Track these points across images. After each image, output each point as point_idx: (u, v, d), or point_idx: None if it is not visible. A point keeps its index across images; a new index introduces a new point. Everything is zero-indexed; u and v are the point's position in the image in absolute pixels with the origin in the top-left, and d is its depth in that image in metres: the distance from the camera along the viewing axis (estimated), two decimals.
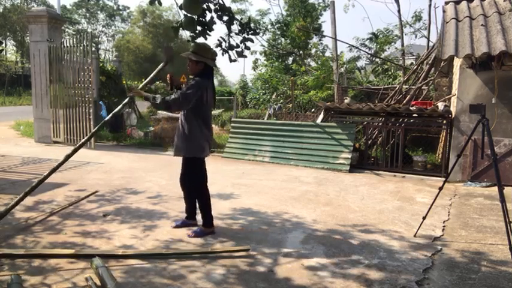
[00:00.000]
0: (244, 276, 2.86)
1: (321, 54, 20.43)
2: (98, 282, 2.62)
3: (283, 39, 22.25)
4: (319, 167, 7.39)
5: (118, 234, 3.64)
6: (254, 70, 21.91)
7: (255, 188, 5.67)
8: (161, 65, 3.94)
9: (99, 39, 47.17)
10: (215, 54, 3.52)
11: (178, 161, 3.93)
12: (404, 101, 8.82)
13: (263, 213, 4.44)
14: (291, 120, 11.12)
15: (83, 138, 9.04)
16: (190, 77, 3.71)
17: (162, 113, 10.48)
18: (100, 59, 14.29)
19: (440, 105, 7.18)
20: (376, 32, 18.19)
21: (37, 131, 9.90)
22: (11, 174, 6.12)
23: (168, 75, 3.86)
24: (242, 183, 6.00)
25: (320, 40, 21.47)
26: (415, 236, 3.76)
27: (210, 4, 3.25)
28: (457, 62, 6.74)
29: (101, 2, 45.86)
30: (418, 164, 7.19)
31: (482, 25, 6.06)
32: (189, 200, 3.93)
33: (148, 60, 35.18)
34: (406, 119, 7.90)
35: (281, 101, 14.56)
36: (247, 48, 3.50)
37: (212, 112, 3.90)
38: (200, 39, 3.44)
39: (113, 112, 4.03)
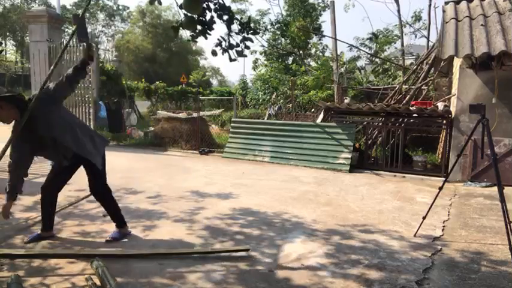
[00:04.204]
0: (244, 276, 2.86)
1: (320, 54, 20.43)
2: (98, 282, 2.61)
3: (283, 39, 22.26)
4: (319, 167, 7.39)
5: None
6: (254, 70, 21.93)
7: (254, 188, 5.66)
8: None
9: (99, 39, 47.17)
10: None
11: (178, 161, 3.93)
12: (404, 101, 8.81)
13: (263, 213, 4.43)
14: (291, 120, 11.12)
15: None
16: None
17: (162, 113, 10.48)
18: (100, 59, 14.28)
19: (440, 105, 7.18)
20: (376, 32, 18.22)
21: None
22: None
23: None
24: (242, 183, 6.00)
25: (320, 40, 21.49)
26: (415, 236, 3.76)
27: (210, 3, 3.24)
28: (457, 62, 6.74)
29: (100, 2, 45.85)
30: (418, 164, 7.19)
31: (482, 25, 6.06)
32: (116, 206, 3.65)
33: (148, 60, 35.15)
34: (406, 119, 7.90)
35: (281, 101, 14.56)
36: (247, 47, 3.49)
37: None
38: (200, 39, 3.43)
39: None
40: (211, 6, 3.25)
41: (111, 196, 3.58)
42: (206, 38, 3.34)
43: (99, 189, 3.51)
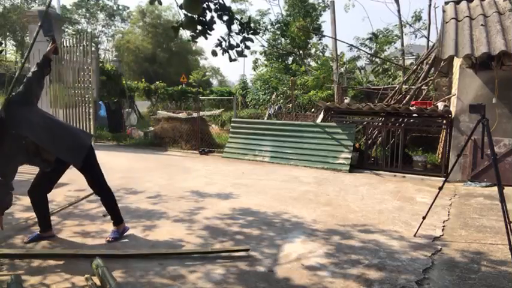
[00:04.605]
0: (244, 276, 2.86)
1: (320, 54, 20.44)
2: (98, 282, 2.61)
3: (283, 39, 22.26)
4: (319, 167, 7.39)
5: None
6: (254, 70, 21.94)
7: (254, 188, 5.66)
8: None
9: (99, 39, 47.14)
10: None
11: (178, 161, 3.93)
12: (404, 101, 8.82)
13: (263, 213, 4.43)
14: (291, 120, 11.12)
15: None
16: None
17: (162, 113, 10.48)
18: (100, 59, 14.30)
19: (440, 105, 7.18)
20: (376, 32, 18.22)
21: None
22: None
23: None
24: (242, 183, 6.00)
25: (320, 40, 21.50)
26: (415, 235, 3.76)
27: (210, 3, 3.24)
28: (457, 62, 6.74)
29: (100, 2, 45.84)
30: (418, 164, 7.19)
31: (482, 25, 6.06)
32: (115, 204, 3.63)
33: (148, 60, 35.16)
34: (406, 119, 7.91)
35: (281, 101, 14.57)
36: (247, 47, 3.49)
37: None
38: (200, 39, 3.43)
39: None
40: (212, 6, 3.24)
41: (109, 194, 3.55)
42: (206, 38, 3.33)
43: (98, 186, 3.48)
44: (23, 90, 3.15)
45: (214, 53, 3.52)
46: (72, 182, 5.53)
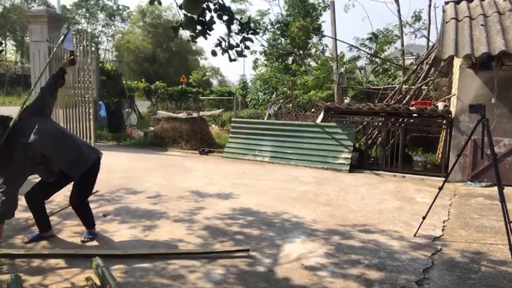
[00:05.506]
0: (244, 276, 2.86)
1: (321, 54, 20.45)
2: (98, 282, 2.61)
3: (283, 39, 22.28)
4: (319, 167, 7.39)
5: (118, 234, 3.64)
6: (254, 70, 21.96)
7: (254, 188, 5.66)
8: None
9: (99, 39, 47.19)
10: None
11: (178, 161, 3.93)
12: (404, 101, 8.82)
13: (263, 213, 4.43)
14: (291, 120, 11.12)
15: (83, 138, 9.04)
16: None
17: (162, 113, 10.49)
18: (100, 59, 14.29)
19: (440, 105, 7.18)
20: (376, 32, 18.24)
21: None
22: None
23: None
24: (242, 183, 6.00)
25: (320, 40, 21.51)
26: (415, 235, 3.76)
27: (209, 3, 3.24)
28: (457, 62, 6.74)
29: (100, 2, 45.86)
30: (418, 164, 7.19)
31: (482, 25, 6.06)
32: (88, 215, 3.59)
33: (148, 60, 35.18)
34: (406, 119, 7.90)
35: (281, 101, 14.58)
36: (247, 47, 3.49)
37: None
38: (200, 39, 3.43)
39: None
40: (211, 6, 3.24)
41: (86, 209, 3.52)
42: (206, 38, 3.33)
43: (78, 202, 3.44)
44: (37, 101, 3.25)
45: (214, 53, 3.52)
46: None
